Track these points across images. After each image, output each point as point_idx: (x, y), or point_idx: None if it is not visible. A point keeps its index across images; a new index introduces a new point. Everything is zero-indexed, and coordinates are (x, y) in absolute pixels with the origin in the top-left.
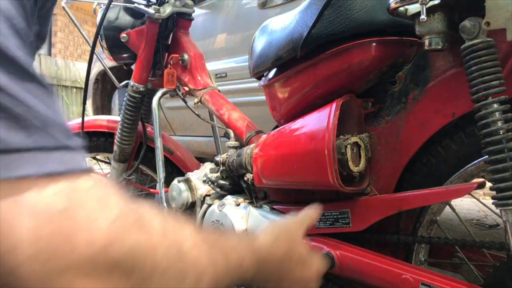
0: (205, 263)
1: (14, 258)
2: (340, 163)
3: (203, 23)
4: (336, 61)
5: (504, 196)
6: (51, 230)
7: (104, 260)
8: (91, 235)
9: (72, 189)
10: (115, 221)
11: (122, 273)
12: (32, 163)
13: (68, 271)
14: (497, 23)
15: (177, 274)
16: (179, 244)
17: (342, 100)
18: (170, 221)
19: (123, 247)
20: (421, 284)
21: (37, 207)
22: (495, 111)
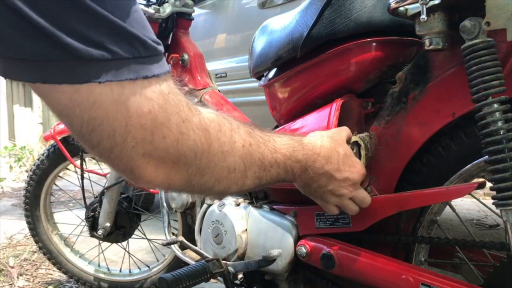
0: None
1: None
2: None
3: (203, 23)
4: (336, 61)
5: (504, 196)
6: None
7: (174, 152)
8: (167, 131)
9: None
10: (184, 121)
11: (184, 163)
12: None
13: (146, 155)
14: (497, 23)
15: (228, 166)
16: (231, 142)
17: (342, 100)
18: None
19: (187, 143)
20: (421, 284)
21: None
22: (495, 111)
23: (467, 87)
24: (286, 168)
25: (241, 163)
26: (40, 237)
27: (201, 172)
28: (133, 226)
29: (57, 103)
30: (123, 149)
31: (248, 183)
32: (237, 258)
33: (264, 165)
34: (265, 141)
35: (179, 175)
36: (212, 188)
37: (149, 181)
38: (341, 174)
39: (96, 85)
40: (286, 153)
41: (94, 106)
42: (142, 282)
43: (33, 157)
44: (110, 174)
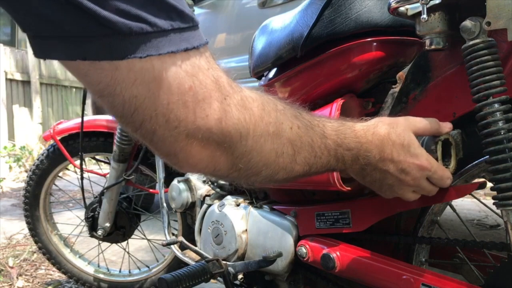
0: (302, 142)
1: (154, 122)
2: None
3: (203, 22)
4: (336, 61)
5: (505, 196)
6: (181, 102)
7: (217, 131)
8: (210, 109)
9: (199, 66)
10: (225, 98)
11: (229, 145)
12: (173, 41)
13: (190, 136)
14: (498, 23)
15: (275, 149)
16: (278, 123)
17: (342, 100)
18: (270, 101)
19: (231, 122)
20: (421, 284)
21: (174, 81)
22: (496, 111)
23: (467, 87)
24: (336, 156)
25: (290, 146)
26: (39, 237)
27: (248, 155)
28: (133, 226)
29: (98, 82)
30: (166, 130)
31: (297, 169)
32: (237, 258)
33: (314, 150)
34: (314, 125)
35: (224, 157)
36: (259, 173)
37: (193, 164)
38: (396, 166)
39: (137, 61)
40: (336, 140)
41: (136, 83)
42: (142, 282)
43: (33, 157)
44: (110, 174)
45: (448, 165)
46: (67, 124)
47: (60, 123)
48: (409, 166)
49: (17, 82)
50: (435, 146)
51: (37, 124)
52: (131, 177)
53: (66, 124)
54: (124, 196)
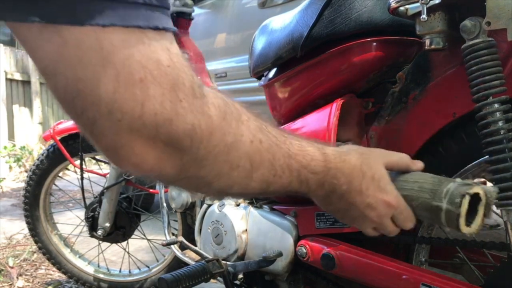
0: (262, 158)
1: (96, 111)
2: (445, 214)
3: (203, 22)
4: (336, 61)
5: (505, 196)
6: (128, 93)
7: (165, 133)
8: (160, 107)
9: (169, 51)
10: (181, 100)
11: (178, 149)
12: (142, 16)
13: (134, 132)
14: (498, 23)
15: (230, 161)
16: (237, 134)
17: (342, 100)
18: (235, 110)
19: (183, 126)
20: (421, 284)
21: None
22: (495, 111)
23: (467, 87)
24: (300, 178)
25: (247, 161)
26: (39, 237)
27: (199, 164)
28: (133, 226)
29: (43, 58)
30: (108, 121)
31: (254, 186)
32: (237, 258)
33: (274, 169)
34: (280, 142)
35: (172, 162)
36: (210, 184)
37: (136, 164)
38: (363, 199)
39: (89, 36)
40: (302, 161)
41: (81, 63)
42: (142, 282)
43: (33, 157)
44: (110, 174)
45: (470, 224)
46: (67, 124)
47: (60, 123)
48: (377, 201)
49: (17, 82)
50: (460, 200)
51: (37, 124)
52: (131, 177)
53: (66, 124)
54: (124, 196)
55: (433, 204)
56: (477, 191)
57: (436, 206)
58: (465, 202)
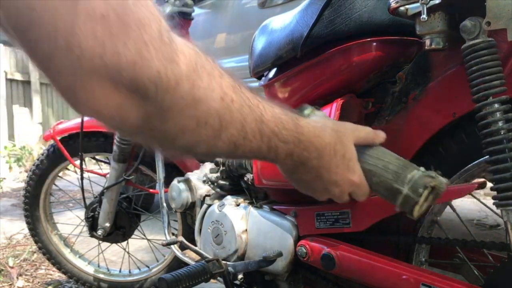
0: (233, 118)
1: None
2: (404, 198)
3: (203, 22)
4: (336, 61)
5: (505, 196)
6: (88, 29)
7: (128, 77)
8: (123, 48)
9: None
10: (147, 44)
11: (141, 96)
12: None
13: (95, 73)
14: (498, 23)
15: (197, 117)
16: (208, 89)
17: (342, 100)
18: (207, 63)
19: (148, 71)
20: (421, 284)
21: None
22: (496, 111)
23: (467, 87)
24: (270, 145)
25: (216, 118)
26: (39, 237)
27: (163, 116)
28: (133, 226)
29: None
30: (66, 58)
31: (221, 146)
32: (237, 258)
33: (245, 131)
34: (253, 105)
35: (135, 111)
36: (175, 140)
37: (96, 109)
38: (330, 176)
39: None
40: (274, 128)
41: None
42: (142, 282)
43: (33, 157)
44: (110, 174)
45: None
46: (67, 124)
47: (60, 123)
48: (343, 180)
49: (17, 82)
50: (422, 190)
51: (37, 124)
52: (131, 177)
53: (66, 124)
54: (124, 196)
55: (394, 186)
56: (436, 184)
57: (396, 188)
58: (426, 193)
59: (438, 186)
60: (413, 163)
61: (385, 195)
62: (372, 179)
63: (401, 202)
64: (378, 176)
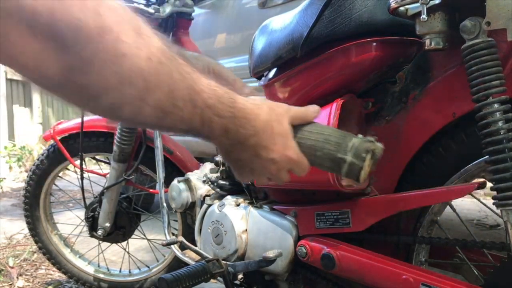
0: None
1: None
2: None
3: (203, 22)
4: (336, 61)
5: (505, 196)
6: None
7: (46, 22)
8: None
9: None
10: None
11: (61, 46)
12: None
13: (10, 16)
14: (498, 23)
15: (120, 74)
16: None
17: (342, 100)
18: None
19: (67, 17)
20: (421, 284)
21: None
22: (495, 111)
23: (467, 87)
24: (203, 117)
25: (140, 78)
26: (39, 237)
27: (84, 69)
28: (133, 226)
29: None
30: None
31: (148, 112)
32: (237, 258)
33: (174, 98)
34: (184, 72)
35: (53, 60)
36: (98, 98)
37: (11, 57)
38: (268, 153)
39: None
40: (208, 100)
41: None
42: (142, 282)
43: (33, 157)
44: (110, 174)
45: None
46: (67, 124)
47: (60, 123)
48: (281, 157)
49: (17, 82)
50: (365, 155)
51: (37, 124)
52: (131, 177)
53: (66, 124)
54: (124, 196)
55: (338, 156)
56: (375, 148)
57: (340, 158)
58: (369, 157)
59: (376, 150)
60: (411, 163)
61: (330, 167)
62: (315, 153)
63: (346, 171)
64: (321, 149)
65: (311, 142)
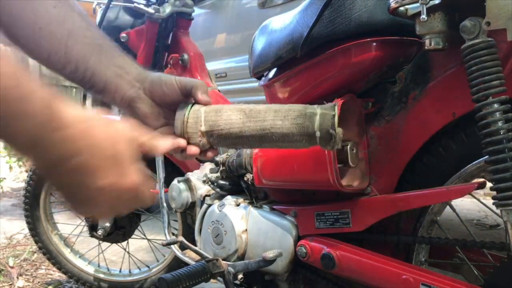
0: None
1: None
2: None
3: (203, 23)
4: (336, 61)
5: (505, 196)
6: None
7: None
8: None
9: None
10: None
11: None
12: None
13: None
14: (498, 23)
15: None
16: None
17: (342, 100)
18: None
19: None
20: (421, 284)
21: None
22: (495, 111)
23: (467, 87)
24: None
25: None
26: (40, 237)
27: None
28: (133, 226)
29: None
30: None
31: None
32: (237, 258)
33: None
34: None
35: None
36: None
37: None
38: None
39: None
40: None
41: None
42: (142, 282)
43: None
44: None
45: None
46: None
47: None
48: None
49: None
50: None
51: None
52: None
53: None
54: None
55: (307, 111)
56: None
57: (310, 112)
58: (337, 109)
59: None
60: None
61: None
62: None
63: (320, 123)
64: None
65: (274, 107)
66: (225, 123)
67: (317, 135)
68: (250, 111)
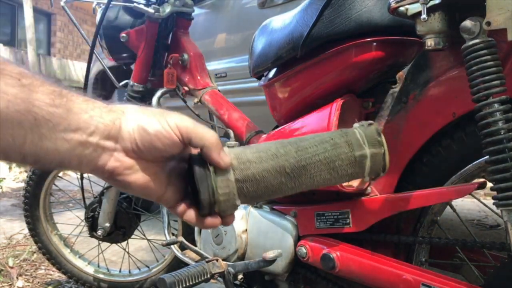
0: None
1: None
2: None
3: (203, 22)
4: (336, 61)
5: (505, 196)
6: None
7: None
8: None
9: None
10: None
11: None
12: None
13: None
14: (498, 22)
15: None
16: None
17: (342, 100)
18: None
19: None
20: (421, 284)
21: None
22: (495, 111)
23: (467, 87)
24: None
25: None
26: (39, 237)
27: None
28: (133, 226)
29: None
30: None
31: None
32: (237, 258)
33: None
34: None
35: None
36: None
37: None
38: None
39: None
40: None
41: None
42: (142, 282)
43: None
44: None
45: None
46: None
47: None
48: None
49: None
50: (379, 137)
51: None
52: None
53: None
54: (124, 196)
55: (356, 154)
56: (377, 127)
57: (360, 155)
58: (383, 138)
59: (379, 128)
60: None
61: (352, 173)
62: (334, 165)
63: (369, 165)
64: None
65: (319, 157)
66: (265, 191)
67: (366, 180)
68: (292, 171)
